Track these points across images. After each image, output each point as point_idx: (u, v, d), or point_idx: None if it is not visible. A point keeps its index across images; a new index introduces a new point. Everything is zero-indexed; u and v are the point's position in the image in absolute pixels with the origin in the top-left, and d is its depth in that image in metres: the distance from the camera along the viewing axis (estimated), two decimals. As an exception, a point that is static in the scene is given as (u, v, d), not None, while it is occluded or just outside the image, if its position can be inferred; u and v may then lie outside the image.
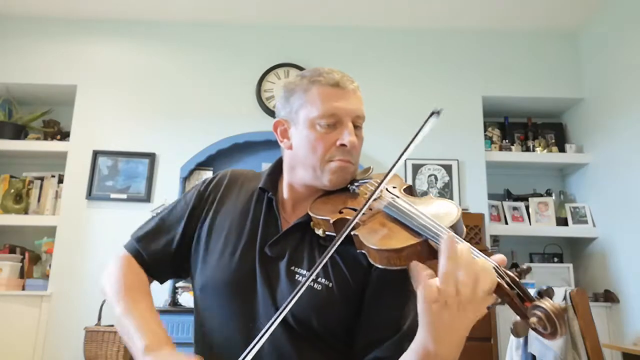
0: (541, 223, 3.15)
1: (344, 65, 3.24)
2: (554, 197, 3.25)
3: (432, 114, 0.85)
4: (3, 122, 3.19)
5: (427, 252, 0.70)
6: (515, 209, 3.22)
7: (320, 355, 0.87)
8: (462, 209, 2.98)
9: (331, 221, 0.85)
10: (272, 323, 0.72)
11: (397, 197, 0.84)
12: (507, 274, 0.62)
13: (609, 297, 2.83)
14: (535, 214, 3.18)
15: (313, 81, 0.93)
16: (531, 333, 1.90)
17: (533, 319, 0.56)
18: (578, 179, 3.31)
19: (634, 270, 2.71)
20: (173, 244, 1.00)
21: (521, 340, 1.89)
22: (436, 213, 0.75)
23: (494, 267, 0.61)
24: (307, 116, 0.92)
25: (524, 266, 0.63)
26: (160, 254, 1.00)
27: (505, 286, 0.60)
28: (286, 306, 0.73)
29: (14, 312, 2.81)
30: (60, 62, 3.24)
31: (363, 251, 0.77)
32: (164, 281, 1.05)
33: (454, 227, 0.70)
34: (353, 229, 0.79)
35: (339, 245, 0.79)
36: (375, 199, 0.83)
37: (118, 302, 0.90)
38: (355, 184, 0.95)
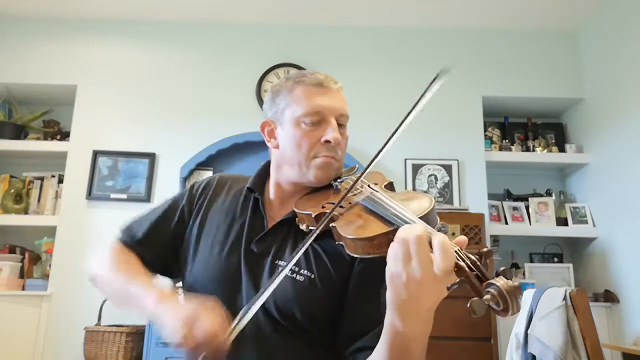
0: (541, 223, 3.15)
1: (344, 65, 3.27)
2: (554, 197, 3.25)
3: (436, 77, 0.85)
4: (3, 122, 3.19)
5: None
6: (515, 209, 3.22)
7: (306, 349, 0.88)
8: (462, 209, 3.00)
9: (313, 215, 0.88)
10: (249, 309, 0.75)
11: (377, 191, 0.87)
12: (467, 256, 0.63)
13: (609, 297, 2.83)
14: (535, 214, 3.18)
15: (297, 82, 0.97)
16: (532, 334, 1.89)
17: (487, 296, 0.58)
18: (578, 179, 3.31)
19: (634, 270, 2.71)
20: (163, 236, 1.03)
21: (521, 340, 1.89)
22: (410, 204, 0.78)
23: (455, 250, 0.63)
24: (292, 115, 0.96)
25: (485, 249, 0.64)
26: (151, 251, 1.02)
27: (465, 267, 0.62)
28: (263, 292, 0.75)
29: (14, 312, 2.81)
30: (60, 62, 3.24)
31: (341, 242, 0.80)
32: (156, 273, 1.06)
33: (426, 217, 0.73)
34: (332, 220, 0.82)
35: (321, 239, 0.82)
36: (355, 194, 0.87)
37: (117, 275, 0.93)
38: (339, 180, 0.99)
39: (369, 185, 0.90)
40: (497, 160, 3.21)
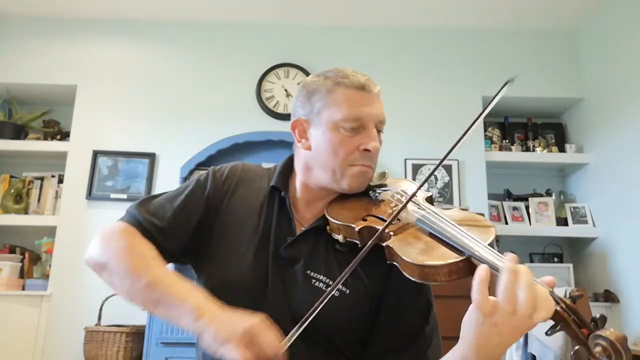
0: (541, 223, 3.15)
1: (344, 65, 3.23)
2: (554, 197, 3.25)
3: (506, 82, 0.83)
4: (3, 122, 3.19)
5: (468, 270, 0.69)
6: (515, 209, 3.21)
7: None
8: (462, 209, 2.99)
9: (356, 229, 0.83)
10: (300, 327, 0.72)
11: (425, 208, 0.82)
12: (562, 299, 0.61)
13: (609, 297, 2.83)
14: (535, 214, 3.18)
15: (338, 82, 0.91)
16: (532, 334, 1.89)
17: (598, 349, 0.56)
18: (578, 179, 3.31)
19: (634, 270, 2.71)
20: (186, 234, 0.93)
21: (521, 340, 1.89)
22: (471, 228, 0.74)
23: (550, 292, 0.61)
24: (330, 118, 0.89)
25: (576, 293, 0.62)
26: (171, 241, 0.92)
27: (562, 313, 0.60)
28: (312, 313, 0.72)
29: (14, 312, 2.81)
30: (60, 62, 3.24)
31: (394, 262, 0.76)
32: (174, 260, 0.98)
33: (492, 245, 0.70)
34: (382, 240, 0.78)
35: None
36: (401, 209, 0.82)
37: (144, 271, 0.80)
38: (378, 190, 0.93)
39: (415, 202, 0.85)
40: (497, 160, 3.20)
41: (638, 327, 2.64)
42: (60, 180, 3.13)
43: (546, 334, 0.61)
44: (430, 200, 0.91)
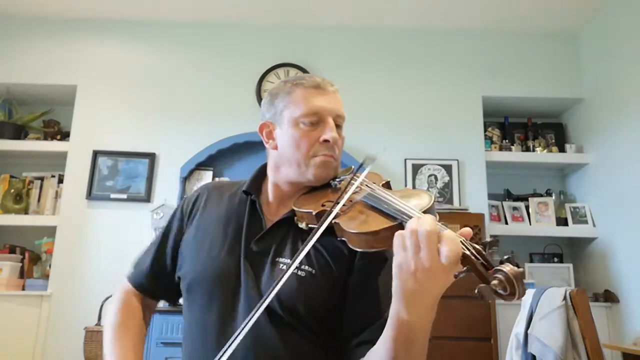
0: (541, 223, 3.15)
1: (344, 65, 3.27)
2: (554, 197, 3.26)
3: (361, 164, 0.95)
4: (3, 122, 3.19)
5: None
6: (515, 209, 3.22)
7: (303, 342, 0.89)
8: (462, 209, 3.00)
9: (314, 213, 0.90)
10: (258, 309, 0.75)
11: (375, 189, 0.89)
12: (472, 245, 0.67)
13: (609, 297, 2.83)
14: (535, 214, 3.18)
15: (296, 84, 1.00)
16: (532, 334, 1.89)
17: (494, 282, 0.61)
18: (578, 179, 3.31)
19: (634, 270, 2.71)
20: (165, 264, 1.06)
21: (521, 340, 1.89)
22: (410, 200, 0.81)
23: (461, 241, 0.66)
24: (291, 116, 0.98)
25: (490, 238, 0.68)
26: (157, 276, 1.07)
27: (470, 256, 0.65)
28: (271, 292, 0.76)
29: (14, 312, 2.81)
30: (60, 62, 3.24)
31: (343, 238, 0.83)
32: (176, 300, 1.12)
33: (427, 212, 0.76)
34: (334, 218, 0.84)
35: (321, 236, 0.83)
36: (355, 192, 0.89)
37: (105, 340, 1.02)
38: (337, 180, 1.01)
39: (367, 185, 0.91)
40: (497, 160, 3.21)
41: (638, 327, 2.65)
42: (60, 180, 3.14)
43: (455, 276, 0.65)
44: (388, 185, 0.98)
